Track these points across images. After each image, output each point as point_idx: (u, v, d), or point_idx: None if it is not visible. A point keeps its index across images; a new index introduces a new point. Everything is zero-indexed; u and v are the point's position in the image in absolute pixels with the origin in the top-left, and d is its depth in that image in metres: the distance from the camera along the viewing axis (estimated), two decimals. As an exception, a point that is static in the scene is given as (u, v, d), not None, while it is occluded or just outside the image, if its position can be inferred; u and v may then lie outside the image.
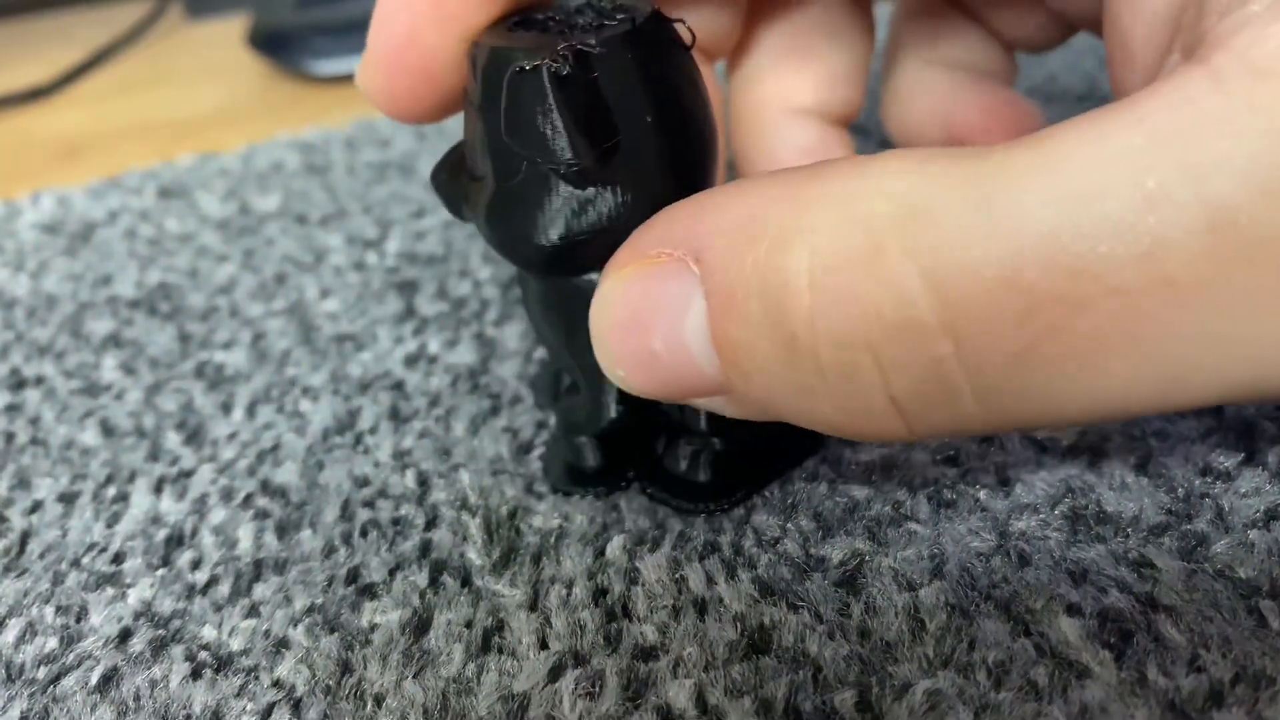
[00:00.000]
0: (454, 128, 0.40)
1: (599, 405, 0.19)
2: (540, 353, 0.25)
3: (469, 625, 0.17)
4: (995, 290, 0.12)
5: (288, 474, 0.22)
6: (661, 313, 0.15)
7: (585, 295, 0.17)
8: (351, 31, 0.51)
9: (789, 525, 0.18)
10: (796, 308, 0.13)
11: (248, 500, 0.21)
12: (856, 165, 0.13)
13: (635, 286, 0.15)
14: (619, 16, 0.16)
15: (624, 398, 0.19)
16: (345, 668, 0.17)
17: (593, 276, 0.17)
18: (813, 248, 0.13)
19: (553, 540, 0.19)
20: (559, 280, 0.18)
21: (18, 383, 0.26)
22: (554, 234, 0.16)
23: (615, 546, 0.18)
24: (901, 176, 0.13)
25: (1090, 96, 0.37)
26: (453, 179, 0.18)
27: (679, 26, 0.17)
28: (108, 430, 0.24)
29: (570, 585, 0.18)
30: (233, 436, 0.23)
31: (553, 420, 0.22)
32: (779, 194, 0.14)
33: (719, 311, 0.14)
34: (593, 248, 0.16)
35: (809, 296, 0.13)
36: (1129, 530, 0.17)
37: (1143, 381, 0.12)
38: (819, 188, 0.13)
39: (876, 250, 0.13)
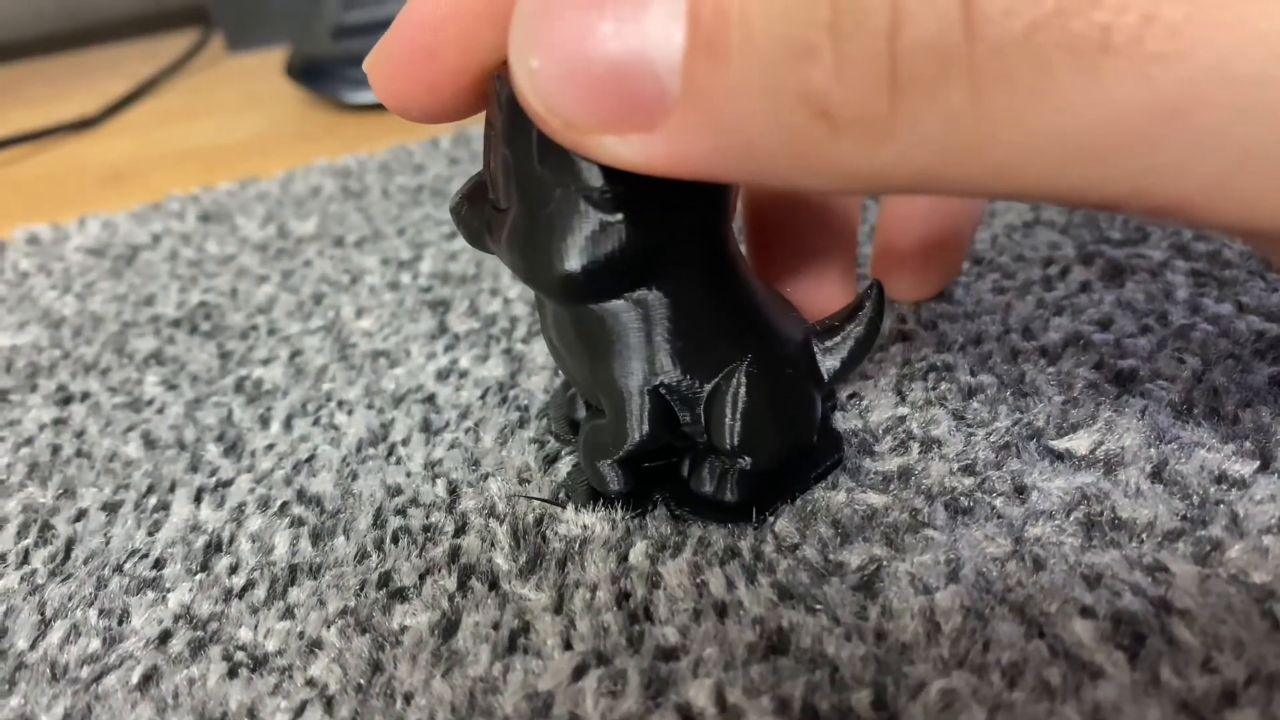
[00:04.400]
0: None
1: (624, 429, 0.19)
2: (561, 375, 0.25)
3: (496, 627, 0.18)
4: None
5: (323, 483, 0.22)
6: None
7: (606, 321, 0.17)
8: (387, 60, 0.52)
9: (808, 532, 0.19)
10: None
11: (284, 509, 0.22)
12: None
13: None
14: None
15: (652, 418, 0.18)
16: (376, 667, 0.17)
17: (617, 303, 0.17)
18: None
19: (577, 546, 0.19)
20: (580, 306, 0.18)
21: (64, 398, 0.27)
22: (582, 260, 0.16)
23: (638, 552, 0.19)
24: None
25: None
26: (473, 210, 0.18)
27: None
28: (150, 443, 0.25)
29: (594, 589, 0.18)
30: (270, 448, 0.24)
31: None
32: None
33: None
34: (621, 274, 0.16)
35: None
36: (1143, 536, 0.17)
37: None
38: None
39: None
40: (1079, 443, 0.20)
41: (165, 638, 0.19)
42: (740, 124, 0.12)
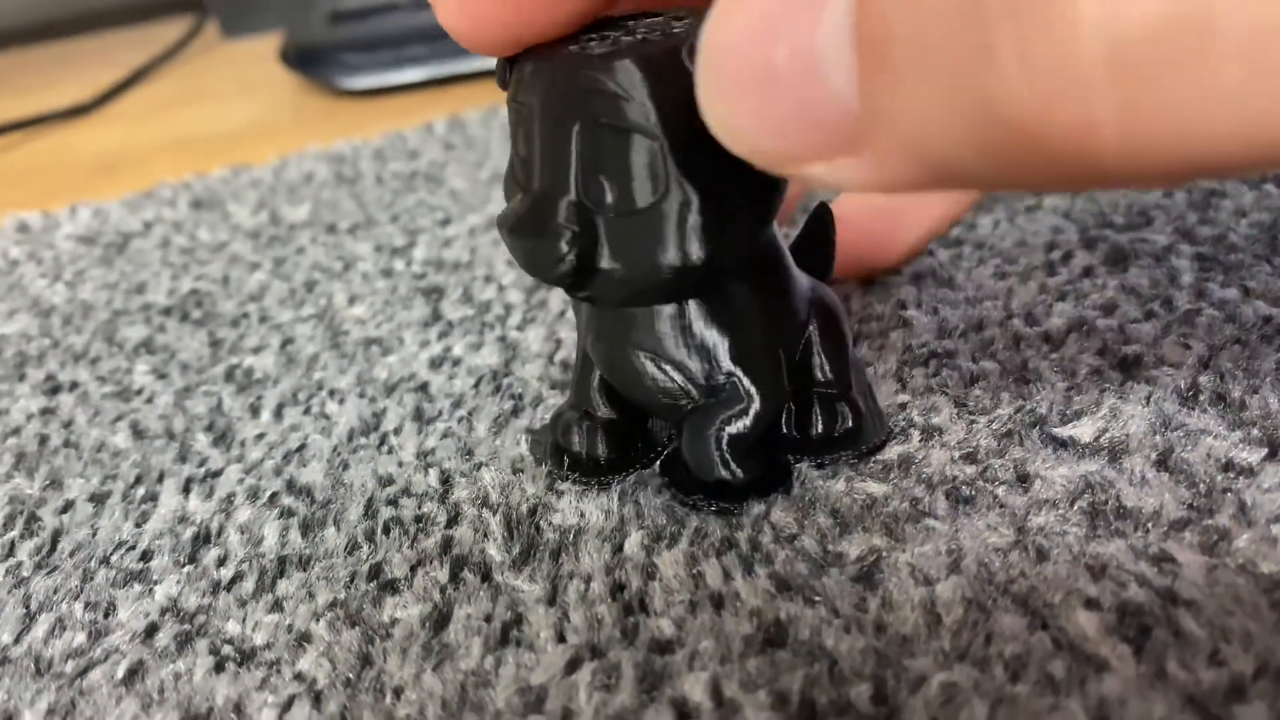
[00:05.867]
0: (479, 137, 0.41)
1: (773, 396, 0.19)
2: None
3: (488, 619, 0.17)
4: None
5: (313, 474, 0.22)
6: (791, 13, 0.12)
7: (735, 301, 0.17)
8: (381, 47, 0.52)
9: (806, 522, 0.18)
10: None
11: (273, 499, 0.21)
12: None
13: None
14: (680, 24, 0.16)
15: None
16: (365, 661, 0.17)
17: (736, 282, 0.18)
18: None
19: (571, 536, 0.19)
20: (713, 292, 0.17)
21: (53, 388, 0.27)
22: (703, 251, 0.16)
23: (633, 542, 0.18)
24: None
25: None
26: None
27: None
28: (138, 432, 0.24)
29: (588, 580, 0.18)
30: (260, 438, 0.23)
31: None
32: None
33: None
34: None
35: None
36: (1149, 525, 0.17)
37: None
38: None
39: None
40: (1083, 430, 0.19)
41: (151, 631, 0.18)
42: (932, 144, 0.12)
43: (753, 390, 0.18)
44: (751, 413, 0.18)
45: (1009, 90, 0.10)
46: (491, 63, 0.52)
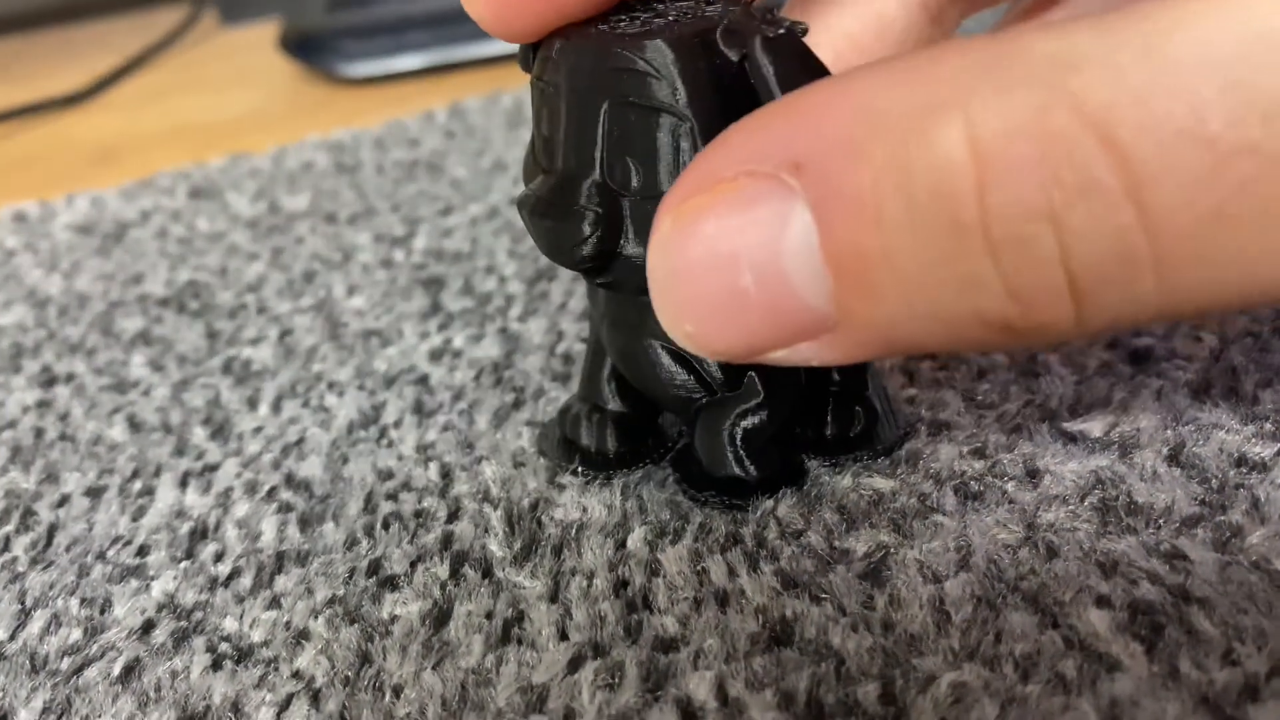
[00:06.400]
0: (481, 125, 0.40)
1: (782, 398, 0.18)
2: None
3: (489, 616, 0.17)
4: (1177, 145, 0.11)
5: (312, 467, 0.22)
6: (750, 241, 0.13)
7: None
8: (381, 34, 0.52)
9: (812, 517, 0.18)
10: (961, 186, 0.11)
11: (271, 493, 0.21)
12: (988, 37, 0.12)
13: (710, 218, 0.13)
14: (712, 7, 0.16)
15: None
16: (365, 659, 0.17)
17: None
18: (969, 117, 0.11)
19: (574, 532, 0.19)
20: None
21: (49, 380, 0.27)
22: None
23: (636, 538, 0.18)
24: (1051, 37, 0.11)
25: None
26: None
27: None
28: (135, 425, 0.24)
29: (591, 577, 0.18)
30: (258, 431, 0.23)
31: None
32: (896, 79, 0.12)
33: (837, 222, 0.12)
34: None
35: (974, 170, 0.11)
36: (1161, 521, 0.17)
37: None
38: (951, 62, 0.12)
39: (1043, 111, 0.11)
40: (1093, 424, 0.19)
41: (148, 628, 0.18)
42: (908, 336, 0.13)
43: (768, 386, 0.18)
44: (766, 409, 0.18)
45: (994, 304, 0.12)
46: (495, 49, 0.51)
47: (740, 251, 0.13)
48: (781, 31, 0.15)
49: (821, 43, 0.21)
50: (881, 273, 0.12)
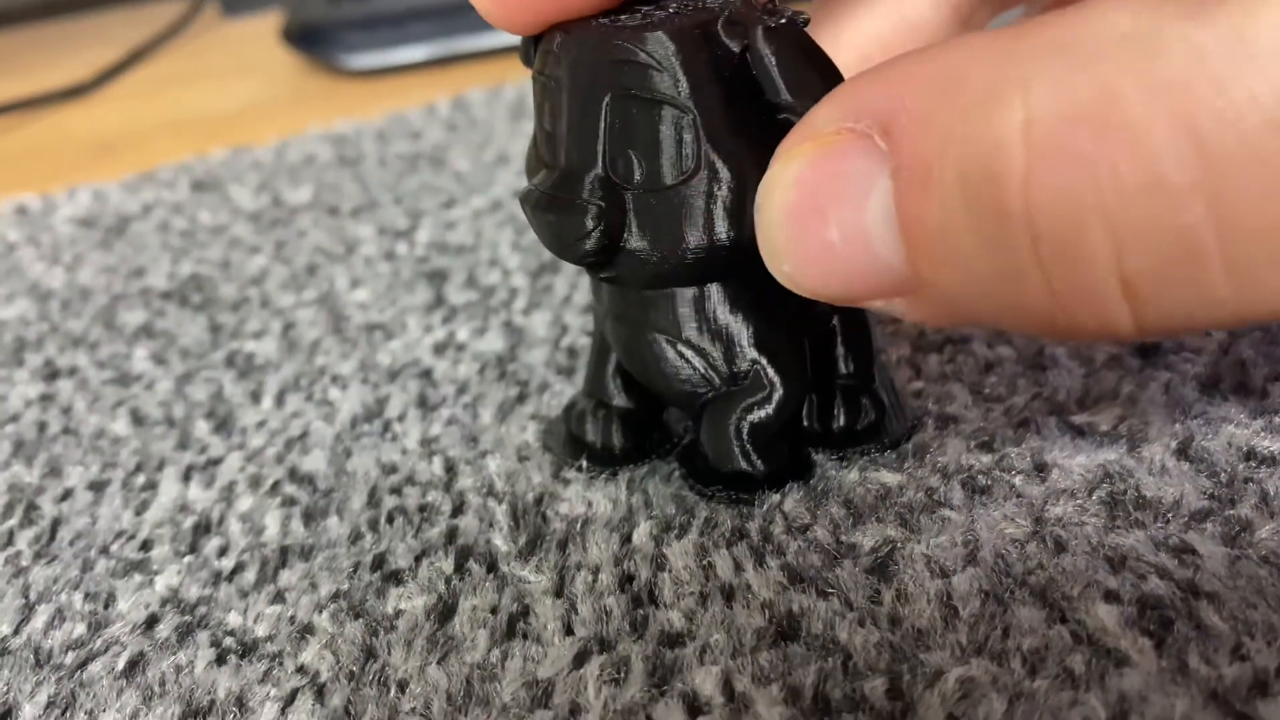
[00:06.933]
0: (483, 117, 0.40)
1: (794, 385, 0.18)
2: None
3: (494, 611, 0.17)
4: (1261, 139, 0.10)
5: (315, 461, 0.22)
6: (840, 196, 0.13)
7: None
8: (383, 25, 0.51)
9: (819, 512, 0.18)
10: (1009, 171, 0.11)
11: (275, 488, 0.21)
12: (1072, 11, 0.11)
13: (810, 169, 0.13)
14: (714, 1, 0.16)
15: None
16: (369, 654, 0.17)
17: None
18: (1028, 99, 0.11)
19: (579, 526, 0.19)
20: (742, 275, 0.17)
21: (51, 373, 0.27)
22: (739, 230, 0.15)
23: (642, 533, 0.18)
24: (1132, 14, 0.11)
25: None
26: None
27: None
28: (138, 419, 0.24)
29: (596, 571, 0.18)
30: (261, 425, 0.23)
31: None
32: (983, 51, 0.12)
33: (908, 190, 0.12)
34: None
35: (1024, 157, 0.11)
36: (1169, 516, 0.17)
37: None
38: (1029, 37, 0.11)
39: (1110, 96, 0.10)
40: (1101, 418, 0.19)
41: (152, 622, 0.18)
42: (975, 312, 0.13)
43: (775, 379, 0.18)
44: (774, 402, 0.18)
45: (1036, 299, 0.12)
46: (497, 41, 0.51)
47: (829, 205, 0.13)
48: (783, 21, 0.15)
49: (849, 45, 0.21)
50: (940, 248, 0.12)
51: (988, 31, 0.12)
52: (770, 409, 0.18)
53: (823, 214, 0.13)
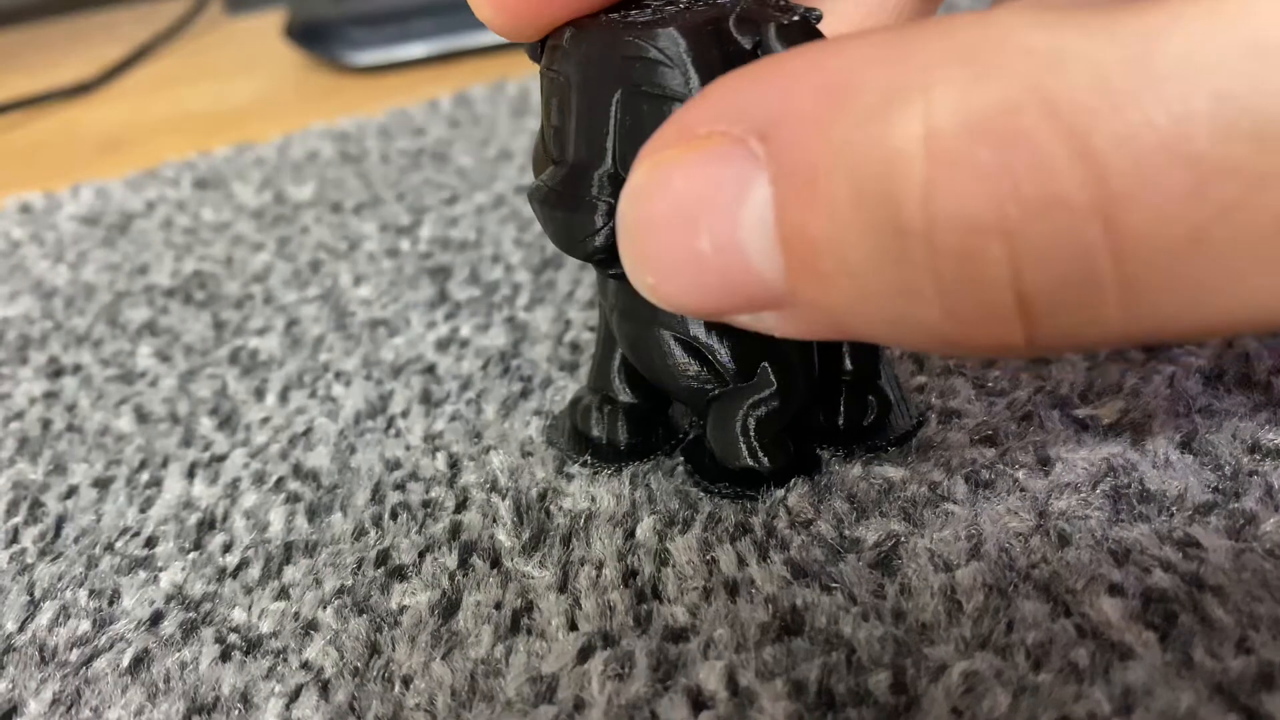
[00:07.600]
0: (486, 113, 0.40)
1: (793, 387, 0.18)
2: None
3: (498, 607, 0.17)
4: (1158, 161, 0.10)
5: (319, 458, 0.22)
6: (710, 204, 0.12)
7: None
8: (387, 22, 0.51)
9: (822, 506, 0.18)
10: (907, 184, 0.11)
11: (279, 484, 0.21)
12: (974, 17, 0.11)
13: (679, 173, 0.12)
14: (703, 2, 0.16)
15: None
16: (374, 649, 0.17)
17: None
18: (930, 109, 0.10)
19: (583, 522, 0.19)
20: None
21: (56, 371, 0.27)
22: None
23: (645, 528, 0.18)
24: (1039, 27, 0.10)
25: None
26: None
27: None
28: (142, 416, 0.24)
29: (600, 567, 0.18)
30: (265, 421, 0.23)
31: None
32: (874, 55, 0.11)
33: (791, 200, 0.11)
34: None
35: (924, 168, 0.10)
36: (1173, 509, 0.17)
37: None
38: (930, 43, 0.11)
39: (1012, 109, 0.10)
40: (1104, 411, 0.19)
41: (157, 619, 0.18)
42: (860, 327, 0.12)
43: (782, 376, 0.18)
44: (780, 399, 0.18)
45: (929, 315, 0.11)
46: (500, 38, 0.51)
47: (700, 214, 0.12)
48: (795, 18, 0.15)
49: (827, 29, 0.20)
50: (828, 261, 0.11)
51: (880, 31, 0.12)
52: (777, 405, 0.18)
53: (692, 223, 0.12)
